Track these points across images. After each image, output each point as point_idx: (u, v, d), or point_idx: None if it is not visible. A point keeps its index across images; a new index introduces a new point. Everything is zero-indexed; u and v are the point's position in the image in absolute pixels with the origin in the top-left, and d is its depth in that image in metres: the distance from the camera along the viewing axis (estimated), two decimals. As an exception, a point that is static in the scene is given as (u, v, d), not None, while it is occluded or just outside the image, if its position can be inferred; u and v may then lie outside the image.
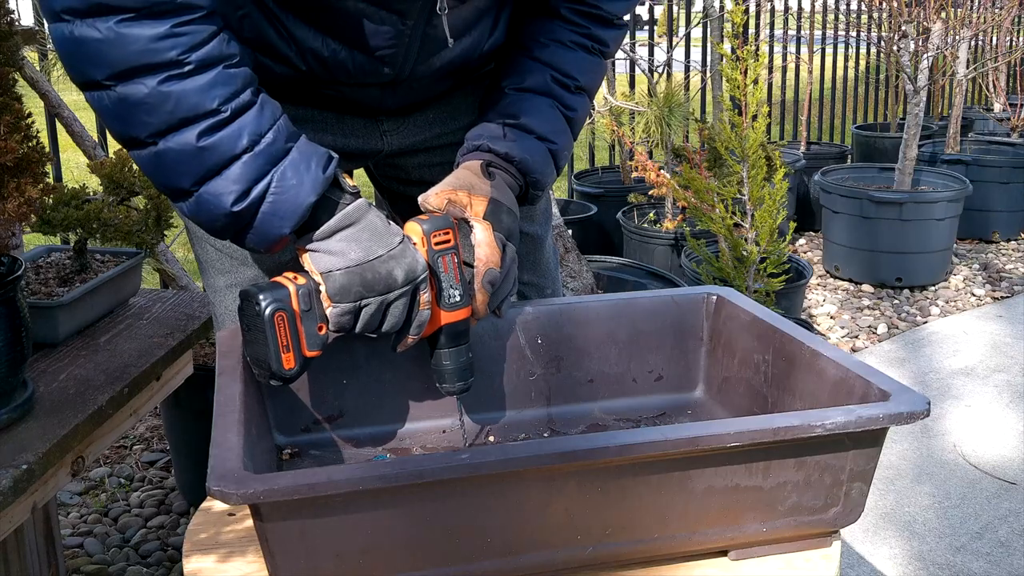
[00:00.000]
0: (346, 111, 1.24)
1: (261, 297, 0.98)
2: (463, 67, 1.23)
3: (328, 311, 1.00)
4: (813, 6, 5.94)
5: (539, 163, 1.19)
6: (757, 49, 4.82)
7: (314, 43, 1.12)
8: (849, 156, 5.51)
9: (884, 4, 4.95)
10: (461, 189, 1.11)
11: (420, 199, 1.11)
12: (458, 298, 1.06)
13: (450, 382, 1.09)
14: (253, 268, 1.25)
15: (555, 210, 2.51)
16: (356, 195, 1.03)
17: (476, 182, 1.12)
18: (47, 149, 1.21)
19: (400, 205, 1.39)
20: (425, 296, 1.03)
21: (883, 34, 5.23)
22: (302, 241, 1.01)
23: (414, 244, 1.04)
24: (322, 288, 1.00)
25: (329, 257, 1.00)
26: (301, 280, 1.00)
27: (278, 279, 1.01)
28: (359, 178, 1.25)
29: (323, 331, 1.01)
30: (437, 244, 1.05)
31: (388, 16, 1.10)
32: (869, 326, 3.69)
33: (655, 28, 4.76)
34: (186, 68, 0.94)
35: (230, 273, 1.25)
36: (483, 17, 1.19)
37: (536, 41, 1.22)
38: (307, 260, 1.02)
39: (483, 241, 1.09)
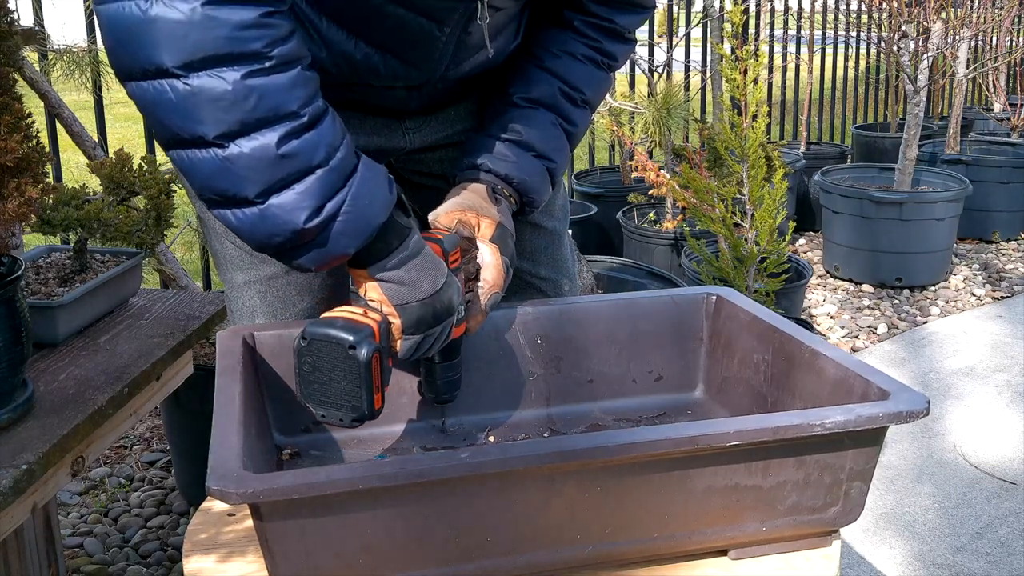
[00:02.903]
0: (370, 111, 1.25)
1: (354, 340, 0.94)
2: (489, 70, 1.24)
3: (398, 343, 1.00)
4: (813, 6, 5.94)
5: (536, 183, 1.21)
6: (757, 49, 4.82)
7: (347, 46, 1.09)
8: (849, 156, 5.51)
9: (884, 4, 4.94)
10: (470, 210, 1.12)
11: (430, 217, 1.13)
12: (463, 314, 1.07)
13: (438, 394, 1.12)
14: (273, 265, 1.24)
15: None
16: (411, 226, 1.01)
17: (484, 205, 1.14)
18: (47, 149, 1.21)
19: (423, 194, 1.38)
20: (456, 323, 1.06)
21: (883, 34, 5.23)
22: (372, 269, 0.97)
23: None
24: (395, 321, 0.99)
25: (402, 288, 0.98)
26: (375, 315, 0.98)
27: (348, 316, 0.97)
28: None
29: (391, 363, 1.00)
30: (452, 263, 1.06)
31: (427, 23, 1.09)
32: (869, 326, 3.69)
33: (655, 28, 4.76)
34: (268, 63, 0.87)
35: (250, 270, 1.25)
36: (511, 22, 1.20)
37: (547, 51, 1.23)
38: (376, 290, 0.98)
39: (491, 264, 1.11)
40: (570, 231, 1.53)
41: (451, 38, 1.12)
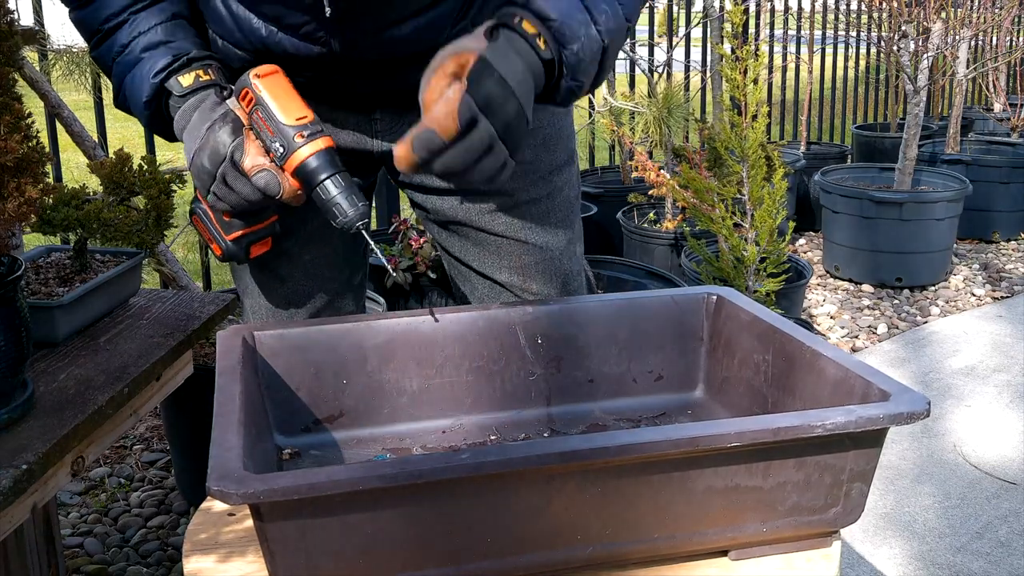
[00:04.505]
0: (337, 105, 1.25)
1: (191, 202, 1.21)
2: (430, 51, 1.04)
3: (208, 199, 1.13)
4: (813, 6, 5.94)
5: (577, 31, 0.98)
6: (757, 49, 4.82)
7: (253, 23, 1.15)
8: (849, 156, 5.51)
9: (884, 4, 4.94)
10: (451, 57, 0.97)
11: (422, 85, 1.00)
12: (281, 149, 1.07)
13: (331, 218, 1.07)
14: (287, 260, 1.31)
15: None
16: (189, 95, 1.12)
17: (470, 43, 0.97)
18: (47, 149, 1.21)
19: (427, 222, 1.38)
20: (247, 163, 1.08)
21: (883, 34, 5.23)
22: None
23: (237, 116, 1.11)
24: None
25: (188, 152, 1.13)
26: None
27: None
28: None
29: (227, 217, 1.16)
30: (247, 106, 1.10)
31: None
32: (869, 326, 3.69)
33: (655, 28, 4.77)
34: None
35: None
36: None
37: None
38: None
39: (444, 99, 0.93)
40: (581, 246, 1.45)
41: (335, 7, 1.07)
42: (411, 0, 1.10)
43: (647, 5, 4.95)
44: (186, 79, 1.13)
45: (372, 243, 1.15)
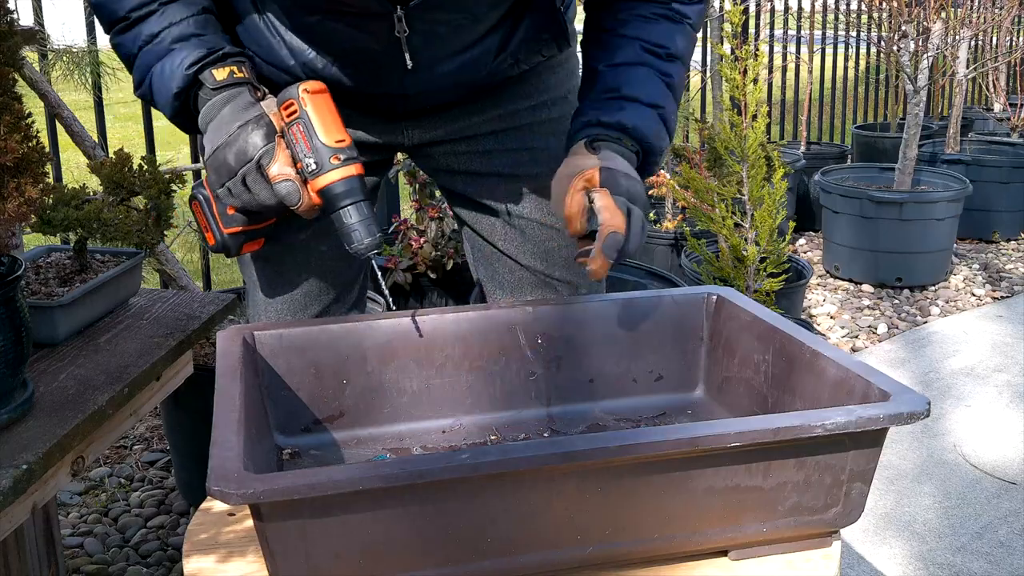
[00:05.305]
0: (369, 113, 1.29)
1: (193, 186, 1.21)
2: (472, 81, 1.26)
3: (218, 192, 1.14)
4: (813, 6, 5.93)
5: (651, 128, 1.20)
6: (757, 49, 4.82)
7: (308, 55, 1.20)
8: (849, 156, 5.51)
9: (884, 4, 4.94)
10: (575, 177, 1.13)
11: (555, 205, 1.16)
12: (313, 166, 1.09)
13: (346, 242, 1.10)
14: (276, 244, 1.30)
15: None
16: (222, 89, 1.13)
17: (582, 161, 1.15)
18: (47, 149, 1.20)
19: (453, 200, 1.42)
20: (273, 170, 1.09)
21: (883, 34, 5.23)
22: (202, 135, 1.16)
23: (271, 121, 1.11)
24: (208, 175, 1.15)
25: (207, 145, 1.14)
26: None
27: None
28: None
29: (232, 211, 1.16)
30: (288, 116, 1.11)
31: (361, 36, 1.16)
32: (869, 326, 3.69)
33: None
34: None
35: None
36: (482, 37, 1.22)
37: (617, 19, 1.23)
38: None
39: (603, 207, 1.10)
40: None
41: (390, 50, 1.17)
42: (460, 40, 1.21)
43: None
44: (220, 73, 1.13)
45: (379, 273, 1.18)
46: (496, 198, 1.36)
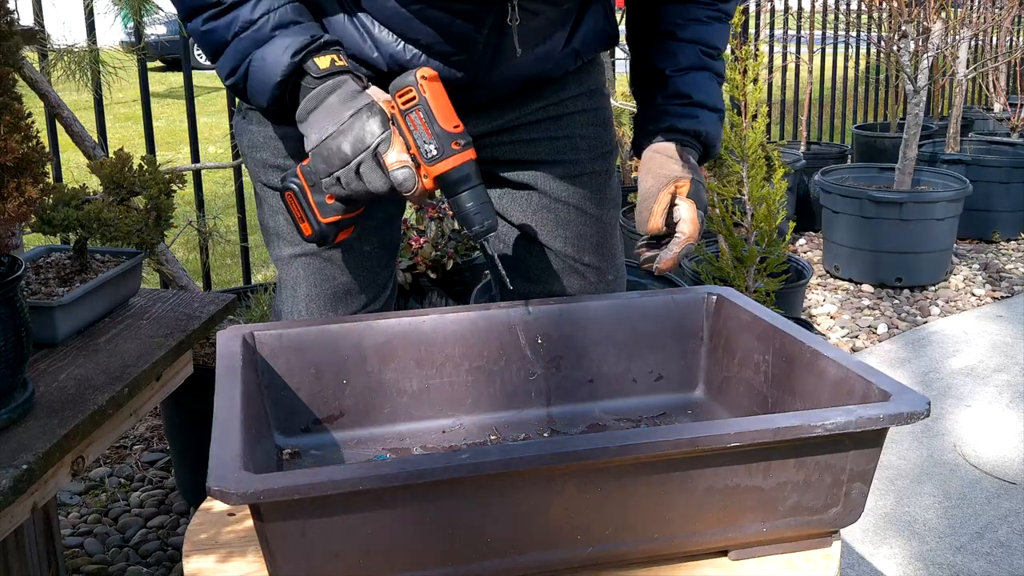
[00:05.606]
0: None
1: (281, 180, 1.18)
2: (536, 76, 1.31)
3: (322, 183, 1.13)
4: (813, 6, 5.93)
5: (717, 133, 1.34)
6: (757, 49, 4.82)
7: (395, 47, 1.21)
8: (849, 156, 5.51)
9: (884, 4, 4.94)
10: (673, 181, 1.25)
11: (644, 220, 1.26)
12: (434, 152, 1.09)
13: (467, 225, 1.13)
14: None
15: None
16: (327, 78, 1.12)
17: (680, 170, 1.26)
18: (47, 149, 1.20)
19: (493, 188, 1.44)
20: (390, 157, 1.08)
21: (883, 34, 5.23)
22: (299, 124, 1.14)
23: (383, 109, 1.11)
24: (310, 166, 1.14)
25: (311, 134, 1.13)
26: (305, 160, 1.15)
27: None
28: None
29: (331, 200, 1.14)
30: (404, 104, 1.10)
31: (464, 25, 1.18)
32: (869, 326, 3.69)
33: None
34: None
35: (297, 244, 1.34)
36: (557, 30, 1.27)
37: (676, 24, 1.33)
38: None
39: (688, 219, 1.24)
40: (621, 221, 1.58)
41: (489, 40, 1.20)
42: (543, 33, 1.25)
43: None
44: (323, 61, 1.12)
45: (495, 254, 1.19)
46: (535, 184, 1.39)
